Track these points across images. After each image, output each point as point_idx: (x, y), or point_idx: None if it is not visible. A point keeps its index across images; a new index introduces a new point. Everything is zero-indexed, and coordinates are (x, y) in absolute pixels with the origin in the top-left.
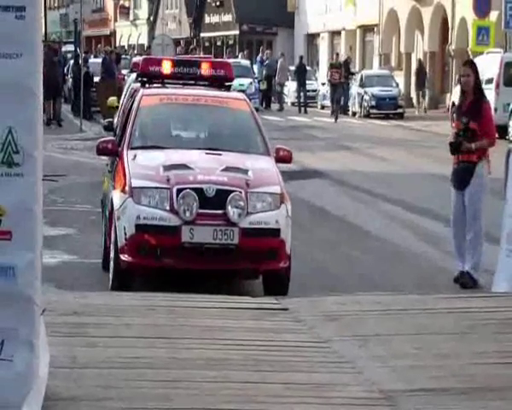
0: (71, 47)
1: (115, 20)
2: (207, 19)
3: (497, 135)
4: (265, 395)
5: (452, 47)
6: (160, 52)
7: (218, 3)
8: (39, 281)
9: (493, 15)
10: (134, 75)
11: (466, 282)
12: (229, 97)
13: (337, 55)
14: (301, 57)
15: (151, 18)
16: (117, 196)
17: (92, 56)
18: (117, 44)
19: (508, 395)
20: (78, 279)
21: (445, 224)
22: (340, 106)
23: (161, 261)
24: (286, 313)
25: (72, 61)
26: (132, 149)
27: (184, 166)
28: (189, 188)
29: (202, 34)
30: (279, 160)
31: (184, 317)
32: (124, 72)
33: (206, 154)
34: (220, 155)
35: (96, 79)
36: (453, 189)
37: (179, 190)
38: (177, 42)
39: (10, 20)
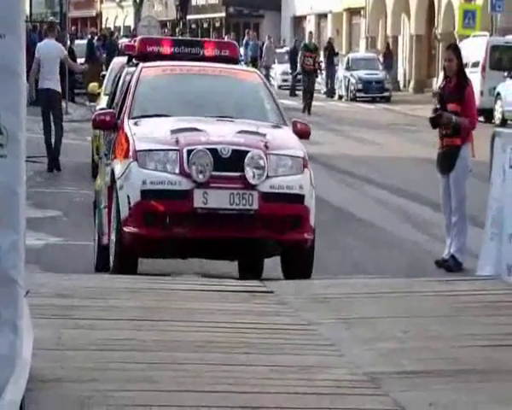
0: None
1: (101, 1)
2: (194, 1)
3: (482, 119)
4: (250, 378)
5: (439, 30)
6: (145, 34)
7: None
8: (23, 263)
9: None
10: (122, 59)
11: (450, 265)
12: (240, 69)
13: (310, 33)
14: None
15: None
16: (118, 165)
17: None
18: (103, 26)
19: (493, 378)
20: (64, 261)
21: (433, 208)
22: (312, 98)
23: (171, 231)
24: (271, 296)
25: None
26: (133, 118)
27: (194, 130)
28: (202, 149)
29: (189, 16)
30: (296, 134)
31: (170, 299)
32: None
33: (218, 120)
34: (232, 121)
35: (81, 60)
36: (439, 174)
37: (190, 151)
38: (163, 24)
39: None
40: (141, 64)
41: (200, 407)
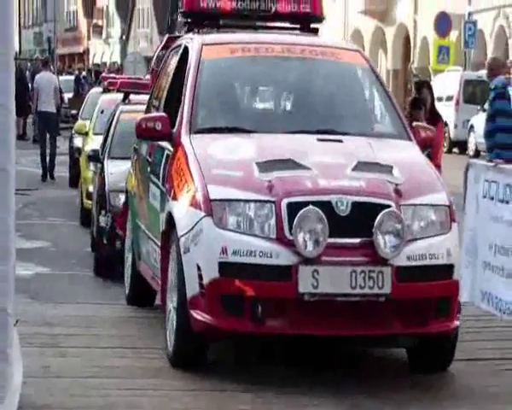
0: None
1: (88, 38)
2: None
3: (456, 150)
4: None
5: (414, 65)
6: (131, 69)
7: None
8: (12, 292)
9: (453, 35)
10: (98, 89)
11: None
12: (337, 47)
13: None
14: None
15: (123, 36)
16: (181, 213)
17: (63, 74)
18: (90, 62)
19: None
20: (51, 291)
21: None
22: None
23: (263, 325)
24: None
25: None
26: (198, 132)
27: (292, 163)
28: (310, 202)
29: None
30: (421, 145)
31: (150, 328)
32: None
33: (319, 141)
34: (340, 141)
35: (68, 95)
36: None
37: (292, 206)
38: (148, 59)
39: None
40: (198, 38)
41: None
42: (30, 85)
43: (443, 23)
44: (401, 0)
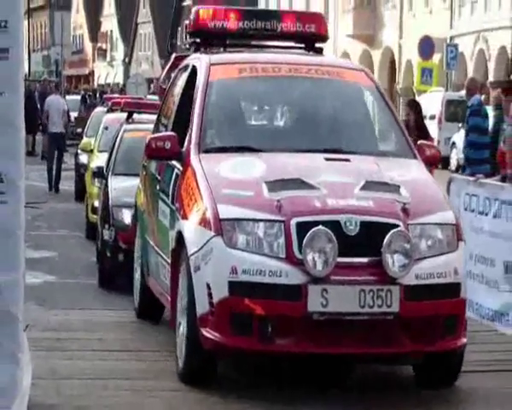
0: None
1: (93, 60)
2: None
3: (439, 165)
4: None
5: (399, 86)
6: (133, 90)
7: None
8: (22, 299)
9: (436, 58)
10: (101, 109)
11: None
12: (342, 66)
13: None
14: None
15: (126, 59)
16: (191, 231)
17: (70, 94)
18: (95, 83)
19: None
20: (58, 297)
21: None
22: None
23: (272, 343)
24: None
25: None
26: (206, 151)
27: (301, 183)
28: (319, 221)
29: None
30: (426, 163)
31: (152, 332)
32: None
33: (327, 160)
34: (348, 160)
35: (74, 114)
36: None
37: (301, 225)
38: (149, 81)
39: None
40: (206, 58)
41: None
42: (38, 104)
43: (426, 46)
44: (387, 25)
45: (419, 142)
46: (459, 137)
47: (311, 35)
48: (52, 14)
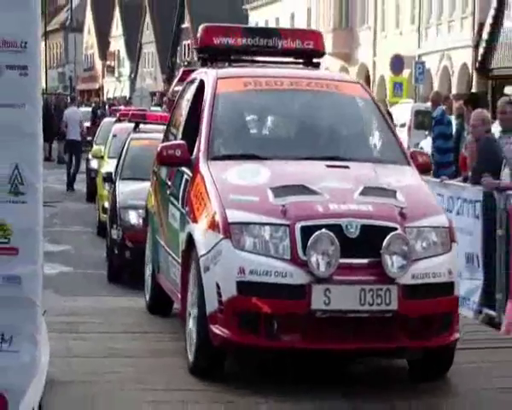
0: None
1: (103, 76)
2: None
3: None
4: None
5: None
6: (138, 102)
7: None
8: (41, 288)
9: (406, 73)
10: (110, 119)
11: None
12: (340, 80)
13: None
14: None
15: (132, 75)
16: (201, 234)
17: (82, 106)
18: (104, 96)
19: None
20: (72, 286)
21: None
22: None
23: (278, 340)
24: None
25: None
26: (215, 159)
27: (304, 189)
28: (322, 225)
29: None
30: (419, 169)
31: (158, 316)
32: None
33: (328, 167)
34: (347, 167)
35: (87, 124)
36: None
37: (305, 229)
38: (153, 94)
39: (15, 77)
40: (213, 72)
41: (187, 403)
42: (54, 115)
43: (397, 63)
44: (362, 44)
45: (412, 150)
46: (426, 143)
47: (309, 51)
48: (66, 35)
